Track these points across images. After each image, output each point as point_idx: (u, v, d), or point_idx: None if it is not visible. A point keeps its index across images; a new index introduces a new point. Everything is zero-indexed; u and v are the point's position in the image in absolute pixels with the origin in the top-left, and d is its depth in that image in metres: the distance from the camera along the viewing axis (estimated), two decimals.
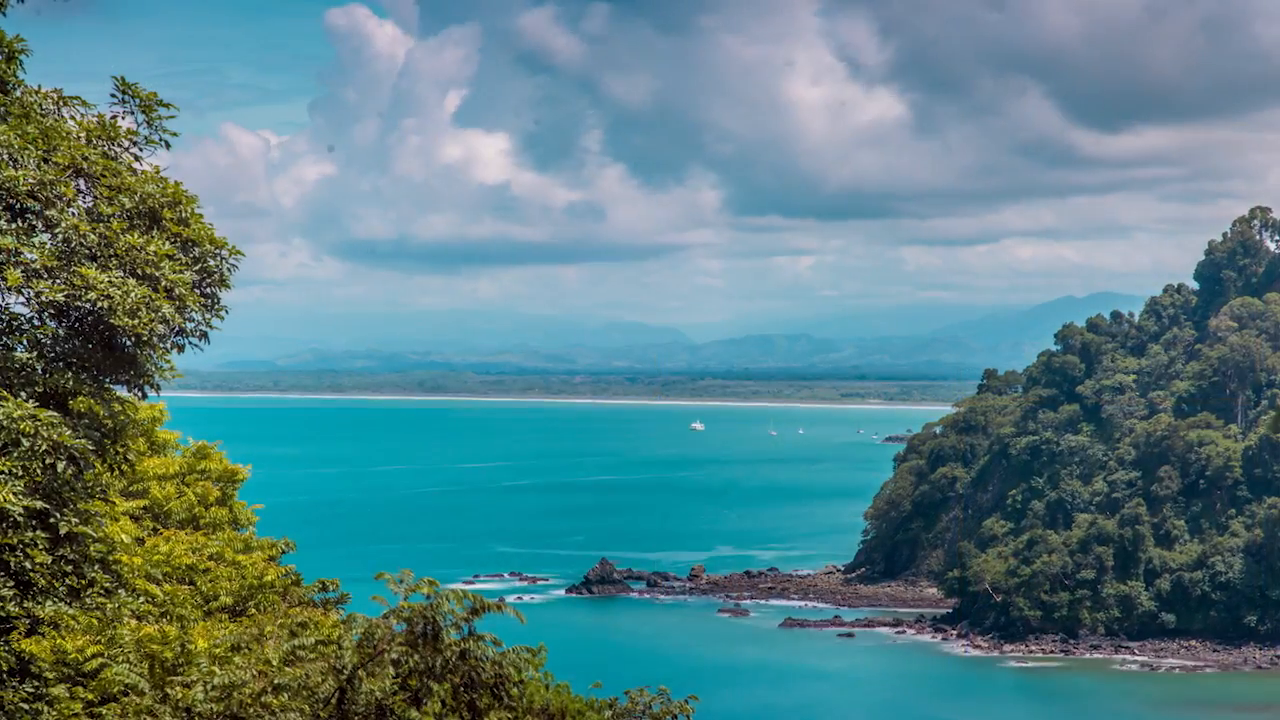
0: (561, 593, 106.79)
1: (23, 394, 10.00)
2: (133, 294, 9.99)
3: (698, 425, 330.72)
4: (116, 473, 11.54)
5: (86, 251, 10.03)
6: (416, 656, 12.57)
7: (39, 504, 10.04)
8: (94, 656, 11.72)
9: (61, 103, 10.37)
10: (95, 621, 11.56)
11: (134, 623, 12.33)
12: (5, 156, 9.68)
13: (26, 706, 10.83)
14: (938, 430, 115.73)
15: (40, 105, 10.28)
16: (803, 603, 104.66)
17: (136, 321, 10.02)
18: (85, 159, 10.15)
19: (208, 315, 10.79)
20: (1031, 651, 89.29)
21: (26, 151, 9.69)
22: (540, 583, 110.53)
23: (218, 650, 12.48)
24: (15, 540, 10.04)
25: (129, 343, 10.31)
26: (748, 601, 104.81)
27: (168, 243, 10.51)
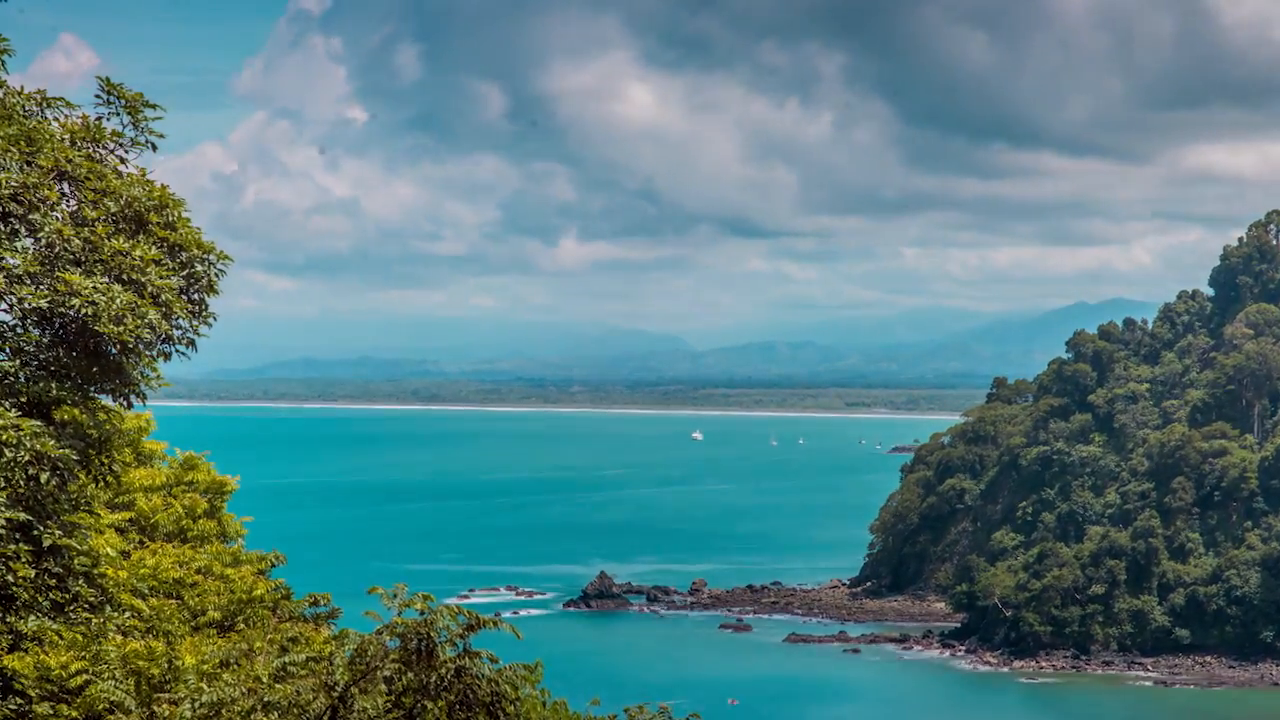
0: (559, 607, 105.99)
1: (5, 403, 9.76)
2: (118, 300, 9.76)
3: (697, 435, 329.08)
4: (102, 484, 11.28)
5: (70, 256, 9.82)
6: (411, 674, 12.24)
7: (22, 516, 9.79)
8: (79, 673, 11.41)
9: (45, 104, 10.18)
10: (80, 637, 11.27)
11: (120, 638, 12.03)
12: None
13: None
14: (945, 440, 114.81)
15: (23, 106, 10.09)
16: (807, 618, 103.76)
17: (122, 329, 9.79)
18: (69, 161, 9.96)
19: (195, 322, 10.56)
20: (1042, 668, 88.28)
21: (9, 154, 9.51)
22: (537, 597, 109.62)
23: (206, 667, 12.17)
24: None
25: (114, 350, 10.08)
26: (750, 616, 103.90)
27: (154, 247, 10.29)
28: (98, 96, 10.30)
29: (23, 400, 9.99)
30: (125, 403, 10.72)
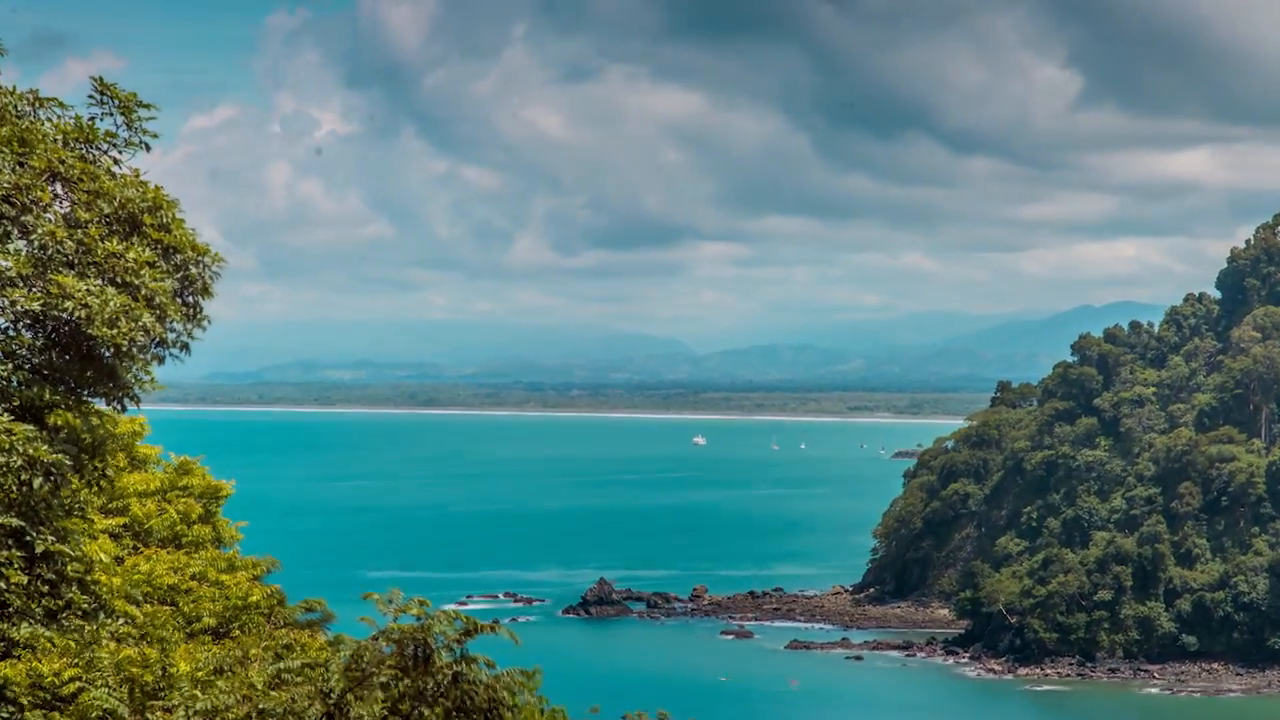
0: (558, 614, 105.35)
1: None
2: (111, 303, 9.69)
3: (699, 440, 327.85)
4: (95, 489, 11.18)
5: (63, 259, 9.75)
6: (407, 680, 12.10)
7: (14, 521, 9.72)
8: (72, 680, 11.30)
9: (38, 104, 10.13)
10: (73, 644, 11.17)
11: (113, 645, 11.92)
12: None
13: None
14: (949, 445, 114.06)
15: (15, 107, 10.03)
16: (809, 624, 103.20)
17: (115, 331, 9.72)
18: (62, 162, 9.90)
19: (189, 325, 10.48)
20: (1047, 675, 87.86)
21: (1, 155, 9.46)
22: (536, 604, 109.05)
23: (200, 673, 12.06)
24: None
25: (107, 354, 10.01)
26: (752, 623, 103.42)
27: (148, 249, 10.21)
28: (91, 97, 10.25)
29: (15, 404, 9.92)
30: (119, 406, 10.64)
